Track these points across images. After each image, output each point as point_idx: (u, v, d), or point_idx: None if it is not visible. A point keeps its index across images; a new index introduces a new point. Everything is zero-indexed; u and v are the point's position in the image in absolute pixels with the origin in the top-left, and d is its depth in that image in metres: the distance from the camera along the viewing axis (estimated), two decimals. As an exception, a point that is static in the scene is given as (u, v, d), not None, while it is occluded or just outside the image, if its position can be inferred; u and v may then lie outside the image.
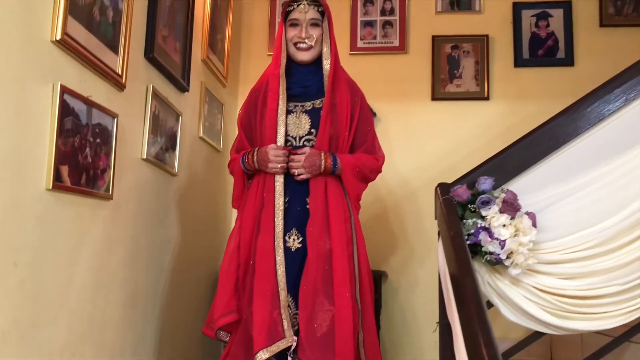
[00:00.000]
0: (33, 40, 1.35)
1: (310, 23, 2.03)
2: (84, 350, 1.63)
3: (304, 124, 2.03)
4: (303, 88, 2.06)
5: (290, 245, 1.96)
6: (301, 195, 1.99)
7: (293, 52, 2.05)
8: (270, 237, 1.93)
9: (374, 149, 2.14)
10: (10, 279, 1.28)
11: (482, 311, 1.41)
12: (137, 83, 1.94)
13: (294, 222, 1.97)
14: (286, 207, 1.98)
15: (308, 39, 2.01)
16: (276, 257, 1.90)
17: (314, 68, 2.06)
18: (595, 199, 2.03)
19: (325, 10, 2.07)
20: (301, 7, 2.03)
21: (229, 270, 1.95)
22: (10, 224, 1.27)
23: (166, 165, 2.23)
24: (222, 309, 1.91)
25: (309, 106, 2.04)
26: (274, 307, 1.85)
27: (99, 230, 1.70)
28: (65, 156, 1.46)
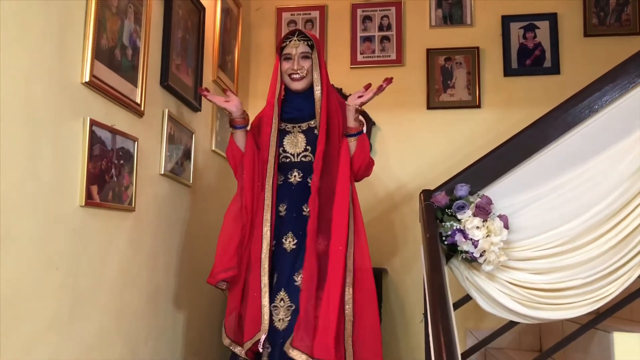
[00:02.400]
0: (66, 83, 1.64)
1: (301, 56, 2.27)
2: (114, 340, 1.93)
3: (300, 142, 2.29)
4: (298, 112, 2.32)
5: (286, 247, 2.19)
6: (298, 202, 2.24)
7: (288, 82, 2.31)
8: (258, 246, 2.18)
9: None
10: (52, 281, 1.57)
11: (445, 302, 1.67)
12: (154, 109, 2.23)
13: (290, 227, 2.21)
14: (284, 214, 2.23)
15: (300, 71, 2.26)
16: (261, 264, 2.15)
17: (307, 94, 2.30)
18: (563, 202, 2.25)
19: (314, 44, 2.30)
20: (293, 43, 2.28)
21: (235, 229, 2.22)
22: (51, 236, 1.56)
23: (182, 178, 2.52)
24: (223, 264, 2.18)
25: (305, 126, 2.31)
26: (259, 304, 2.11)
27: (124, 238, 2.00)
28: (94, 177, 1.75)
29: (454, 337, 1.54)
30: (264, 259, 2.15)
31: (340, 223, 2.16)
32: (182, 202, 2.56)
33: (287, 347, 2.02)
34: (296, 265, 2.16)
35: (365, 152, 2.28)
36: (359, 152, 2.26)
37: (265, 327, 2.07)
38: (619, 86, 2.26)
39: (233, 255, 2.20)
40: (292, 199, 2.25)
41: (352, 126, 2.25)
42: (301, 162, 2.28)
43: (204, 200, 2.80)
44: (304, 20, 3.75)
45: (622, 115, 2.25)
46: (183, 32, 2.52)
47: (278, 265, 2.19)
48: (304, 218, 2.21)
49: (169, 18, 2.34)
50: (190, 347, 2.61)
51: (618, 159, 2.23)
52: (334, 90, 2.43)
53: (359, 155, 2.26)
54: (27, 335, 1.46)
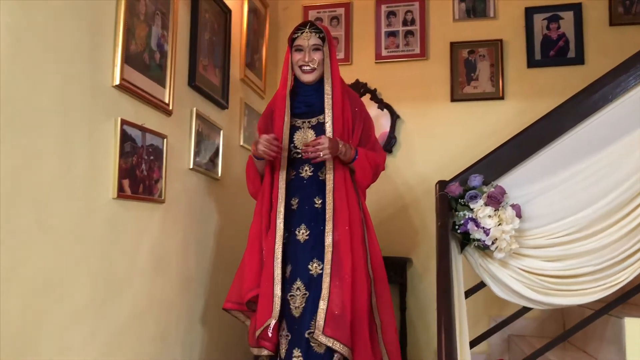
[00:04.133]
0: (99, 86, 1.80)
1: (313, 48, 2.29)
2: (146, 321, 2.10)
3: (310, 138, 2.28)
4: (308, 107, 2.33)
5: (299, 238, 2.24)
6: (310, 196, 2.28)
7: (299, 74, 2.32)
8: (272, 237, 2.23)
9: (375, 150, 2.40)
10: (88, 267, 1.74)
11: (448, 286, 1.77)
12: (182, 108, 2.38)
13: (303, 220, 2.26)
14: (296, 208, 2.27)
15: (311, 62, 2.28)
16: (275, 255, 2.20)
17: (317, 87, 2.32)
18: (576, 191, 2.30)
19: (325, 36, 2.31)
20: (304, 35, 2.30)
21: (254, 251, 2.27)
22: (87, 226, 1.73)
23: (210, 172, 2.68)
24: (250, 283, 2.21)
25: (314, 121, 2.32)
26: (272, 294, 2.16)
27: (155, 228, 2.16)
28: (126, 172, 1.92)
29: (454, 317, 1.65)
30: (277, 250, 2.20)
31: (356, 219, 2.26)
32: (211, 195, 2.72)
33: (318, 335, 2.04)
34: (310, 255, 2.20)
35: (365, 173, 2.31)
36: (360, 175, 2.30)
37: (275, 313, 2.12)
38: (633, 76, 2.29)
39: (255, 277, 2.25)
40: (303, 193, 2.29)
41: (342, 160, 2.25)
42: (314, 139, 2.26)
43: (233, 193, 2.96)
44: (330, 17, 3.87)
45: (634, 107, 2.28)
46: (210, 34, 2.67)
47: (292, 256, 2.23)
48: (315, 210, 2.26)
49: (195, 22, 2.50)
50: (219, 332, 2.78)
51: (632, 147, 2.26)
52: (344, 83, 2.44)
53: (360, 178, 2.31)
54: (66, 315, 1.64)
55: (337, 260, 2.15)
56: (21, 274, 1.44)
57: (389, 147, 3.65)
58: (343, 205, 2.22)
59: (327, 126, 2.25)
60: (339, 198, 2.23)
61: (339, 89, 2.30)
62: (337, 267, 2.14)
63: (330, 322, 2.06)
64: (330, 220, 2.20)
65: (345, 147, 2.21)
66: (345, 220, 2.21)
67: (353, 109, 2.34)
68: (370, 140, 2.40)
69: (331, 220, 2.20)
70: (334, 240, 2.18)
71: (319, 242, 2.20)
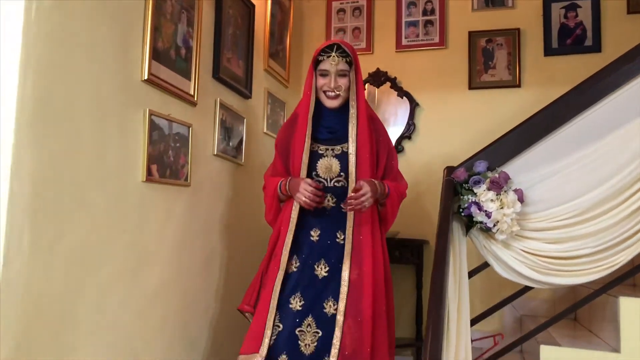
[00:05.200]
0: (129, 81, 2.01)
1: (339, 74, 2.19)
2: (172, 292, 2.32)
3: (335, 168, 2.21)
4: (331, 133, 2.24)
5: (317, 274, 2.15)
6: (332, 229, 2.19)
7: (323, 99, 2.23)
8: (276, 267, 2.16)
9: (397, 179, 2.38)
10: (120, 241, 1.97)
11: (443, 264, 1.93)
12: (206, 98, 2.58)
13: (324, 254, 2.17)
14: (317, 240, 2.19)
15: (337, 89, 2.19)
16: (275, 284, 2.14)
17: (341, 112, 2.24)
18: (578, 176, 2.40)
19: (352, 60, 2.21)
20: (331, 59, 2.18)
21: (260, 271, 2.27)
22: (120, 206, 1.95)
23: (234, 158, 2.88)
24: (246, 298, 2.26)
25: (339, 150, 2.22)
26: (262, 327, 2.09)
27: (181, 208, 2.38)
28: (154, 158, 2.13)
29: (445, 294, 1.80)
30: (277, 284, 2.14)
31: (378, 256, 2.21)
32: (234, 179, 2.92)
33: None
34: (326, 293, 2.13)
35: (394, 210, 2.30)
36: (390, 212, 2.29)
37: (263, 353, 2.03)
38: (636, 67, 2.38)
39: None
40: (326, 225, 2.21)
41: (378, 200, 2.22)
42: (334, 187, 2.22)
43: (256, 178, 3.16)
44: (352, 8, 4.01)
45: (634, 96, 2.36)
46: (233, 29, 2.86)
47: (306, 291, 2.14)
48: (337, 246, 2.17)
49: (219, 18, 2.68)
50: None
51: (630, 136, 2.35)
52: (369, 108, 2.39)
53: (390, 215, 2.30)
54: (102, 283, 1.86)
55: (352, 301, 2.08)
56: (64, 246, 1.67)
57: (408, 134, 3.80)
58: (366, 242, 2.16)
59: (352, 158, 2.17)
60: (359, 233, 2.17)
61: (364, 116, 2.21)
62: (352, 307, 2.07)
63: None
64: (349, 257, 2.12)
65: (379, 186, 2.18)
66: (368, 258, 2.13)
67: (377, 139, 2.27)
68: (393, 170, 2.36)
69: (349, 256, 2.13)
70: (350, 279, 2.10)
71: (336, 280, 2.12)
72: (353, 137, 2.18)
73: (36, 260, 1.57)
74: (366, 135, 2.20)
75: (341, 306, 2.07)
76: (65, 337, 1.69)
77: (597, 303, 2.65)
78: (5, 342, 1.47)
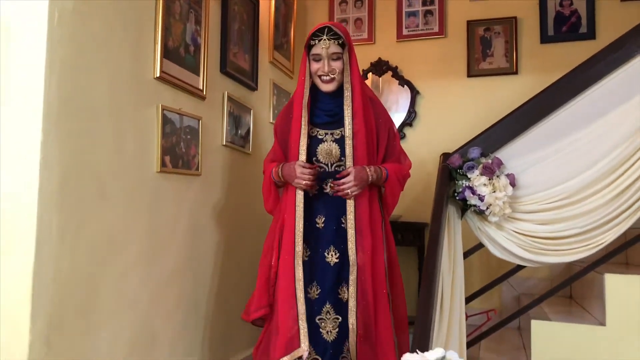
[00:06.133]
0: (142, 79, 2.16)
1: (332, 57, 2.14)
2: (187, 276, 2.50)
3: (335, 152, 2.18)
4: (330, 116, 2.20)
5: (329, 261, 2.16)
6: (337, 214, 2.18)
7: (318, 82, 2.19)
8: (290, 256, 2.13)
9: (400, 160, 2.35)
10: (138, 228, 2.13)
11: (437, 245, 2.08)
12: (215, 92, 2.73)
13: (332, 240, 2.17)
14: (323, 227, 2.19)
15: (331, 72, 2.14)
16: (295, 274, 2.13)
17: (338, 95, 2.19)
18: (567, 161, 2.53)
19: (345, 42, 2.16)
20: (322, 42, 2.12)
21: (263, 267, 2.26)
22: (137, 195, 2.12)
23: (242, 148, 3.03)
24: (256, 304, 2.22)
25: (338, 134, 2.19)
26: (294, 320, 2.09)
27: (193, 196, 2.54)
28: (167, 150, 2.29)
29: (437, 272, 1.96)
30: (298, 271, 2.14)
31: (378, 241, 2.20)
32: (242, 168, 3.08)
33: None
34: (340, 279, 2.16)
35: (394, 193, 2.29)
36: (389, 196, 2.28)
37: (305, 345, 2.06)
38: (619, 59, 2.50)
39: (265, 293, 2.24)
40: (329, 210, 2.20)
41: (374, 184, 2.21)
42: (335, 171, 2.19)
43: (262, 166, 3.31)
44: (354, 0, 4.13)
45: (623, 82, 2.48)
46: (239, 24, 3.00)
47: (320, 278, 2.16)
48: (343, 231, 2.17)
49: (225, 15, 2.82)
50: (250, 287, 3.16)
51: (618, 121, 2.48)
52: (366, 87, 2.36)
53: (390, 199, 2.29)
54: (121, 267, 2.03)
55: (361, 284, 2.12)
56: (86, 232, 1.84)
57: (409, 121, 3.93)
58: (366, 226, 2.16)
59: (348, 141, 2.15)
60: (360, 218, 2.16)
61: (359, 98, 2.16)
62: (361, 290, 2.11)
63: (362, 346, 2.09)
64: (353, 241, 2.13)
65: (376, 172, 2.16)
66: (368, 244, 2.14)
67: (377, 120, 2.24)
68: (395, 150, 2.33)
69: (353, 240, 2.13)
70: (358, 263, 2.13)
71: (347, 265, 2.14)
72: (349, 119, 2.14)
73: (64, 245, 1.74)
74: (361, 117, 2.15)
75: (352, 290, 2.11)
76: (90, 315, 1.87)
77: (589, 281, 2.80)
78: (39, 317, 1.64)
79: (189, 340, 2.52)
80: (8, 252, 1.64)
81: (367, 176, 2.12)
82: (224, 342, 2.80)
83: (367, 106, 2.20)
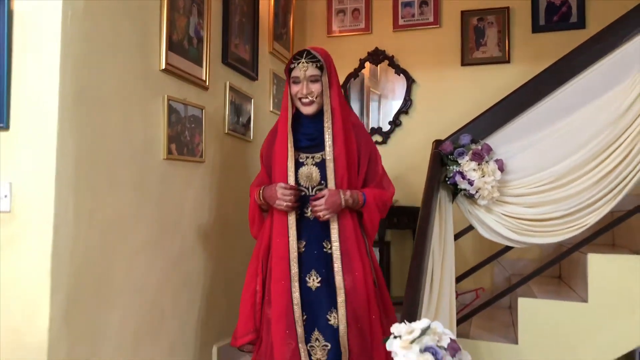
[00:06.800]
0: (149, 71, 2.29)
1: (310, 80, 2.15)
2: (194, 256, 2.64)
3: (315, 176, 2.18)
4: (310, 140, 2.19)
5: (310, 286, 2.14)
6: (318, 239, 2.17)
7: (299, 106, 2.19)
8: (286, 282, 2.12)
9: (382, 185, 2.31)
10: (146, 212, 2.27)
11: (426, 227, 2.22)
12: (217, 82, 2.86)
13: (312, 265, 2.15)
14: (303, 251, 2.16)
15: (309, 95, 2.14)
16: (293, 299, 2.11)
17: (318, 119, 2.19)
18: (553, 147, 2.65)
19: (324, 65, 2.16)
20: (301, 65, 2.14)
21: (247, 294, 2.24)
22: (145, 181, 2.25)
23: (243, 135, 3.17)
24: (242, 329, 2.21)
25: (319, 158, 2.18)
26: (294, 342, 2.09)
27: (197, 182, 2.68)
28: (173, 138, 2.42)
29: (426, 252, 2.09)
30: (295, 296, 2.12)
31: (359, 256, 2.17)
32: (244, 154, 3.21)
33: None
34: (326, 304, 2.13)
35: (373, 218, 2.24)
36: (367, 221, 2.24)
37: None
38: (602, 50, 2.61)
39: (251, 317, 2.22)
40: (311, 235, 2.19)
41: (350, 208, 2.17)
42: (316, 195, 2.15)
43: (264, 152, 3.45)
44: (352, -9, 4.25)
45: (605, 72, 2.60)
46: (240, 17, 3.12)
47: (305, 304, 2.13)
48: (324, 255, 2.17)
49: (227, 8, 2.94)
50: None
51: (600, 109, 2.59)
52: (350, 111, 2.36)
53: (368, 223, 2.25)
54: (132, 248, 2.18)
55: (351, 307, 2.11)
56: (99, 215, 1.98)
57: (405, 109, 4.06)
58: (353, 249, 2.15)
59: (329, 165, 2.14)
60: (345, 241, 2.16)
61: (339, 121, 2.16)
62: (351, 313, 2.11)
63: None
64: (339, 263, 2.13)
65: (352, 197, 2.14)
66: (358, 263, 2.14)
67: (358, 143, 2.24)
68: (377, 175, 2.30)
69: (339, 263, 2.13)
70: (345, 286, 2.12)
71: (332, 288, 2.13)
72: (329, 142, 2.14)
73: (79, 227, 1.88)
74: (341, 140, 2.15)
75: (341, 313, 2.10)
76: (103, 293, 2.01)
77: (576, 262, 2.94)
78: (58, 293, 1.79)
79: (196, 318, 2.67)
80: (29, 235, 1.79)
81: (340, 200, 2.10)
82: (228, 319, 2.95)
83: (347, 129, 2.20)
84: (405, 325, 1.51)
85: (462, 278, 3.10)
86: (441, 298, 2.37)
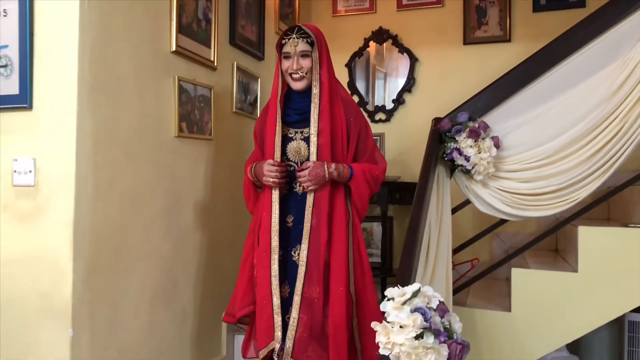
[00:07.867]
0: (161, 53, 2.42)
1: (300, 55, 2.18)
2: (202, 230, 2.79)
3: (303, 151, 2.23)
4: (299, 115, 2.23)
5: (295, 259, 2.20)
6: (304, 214, 2.20)
7: (289, 81, 2.23)
8: (266, 252, 2.18)
9: (374, 160, 2.34)
10: (160, 186, 2.42)
11: (423, 199, 2.35)
12: (225, 63, 2.98)
13: (299, 239, 2.19)
14: (292, 226, 2.23)
15: (300, 70, 2.18)
16: (271, 270, 2.16)
17: (308, 94, 2.22)
18: (547, 124, 2.75)
19: (315, 41, 2.20)
20: (291, 41, 2.19)
21: (245, 267, 2.32)
22: (158, 156, 2.40)
23: (250, 113, 3.29)
24: (240, 302, 2.26)
25: (307, 133, 2.22)
26: (269, 313, 2.13)
27: (207, 158, 2.82)
28: (183, 117, 2.55)
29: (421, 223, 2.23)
30: (273, 267, 2.17)
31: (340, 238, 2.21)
32: (251, 132, 3.28)
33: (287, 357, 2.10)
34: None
35: (361, 192, 2.26)
36: (355, 195, 2.26)
37: (278, 337, 2.12)
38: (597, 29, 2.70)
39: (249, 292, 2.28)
40: (298, 210, 2.23)
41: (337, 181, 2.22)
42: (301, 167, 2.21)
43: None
44: (357, -30, 4.32)
45: (599, 51, 2.69)
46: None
47: (290, 277, 2.20)
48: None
49: (234, -10, 3.05)
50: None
51: (593, 88, 2.69)
52: (340, 88, 2.37)
53: (356, 197, 2.27)
54: (147, 217, 2.33)
55: (308, 282, 2.15)
56: (116, 189, 2.13)
57: (409, 88, 4.16)
58: (324, 224, 2.18)
59: (313, 139, 2.18)
60: (317, 216, 2.19)
61: (327, 97, 2.19)
62: (308, 288, 2.14)
63: (299, 345, 2.11)
64: (307, 239, 2.17)
65: (337, 169, 2.17)
66: (323, 241, 2.17)
67: (348, 118, 2.26)
68: (367, 150, 2.32)
69: (307, 239, 2.17)
70: (307, 261, 2.16)
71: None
72: (315, 117, 2.17)
73: (98, 199, 2.03)
74: (327, 115, 2.17)
75: (298, 286, 2.15)
76: (121, 260, 2.17)
77: (569, 235, 3.06)
78: (80, 260, 1.95)
79: (206, 287, 2.84)
80: (52, 207, 1.94)
81: (324, 172, 2.15)
82: (236, 289, 3.12)
83: (336, 105, 2.23)
84: (398, 288, 1.66)
85: (460, 249, 3.23)
86: (437, 267, 2.51)
